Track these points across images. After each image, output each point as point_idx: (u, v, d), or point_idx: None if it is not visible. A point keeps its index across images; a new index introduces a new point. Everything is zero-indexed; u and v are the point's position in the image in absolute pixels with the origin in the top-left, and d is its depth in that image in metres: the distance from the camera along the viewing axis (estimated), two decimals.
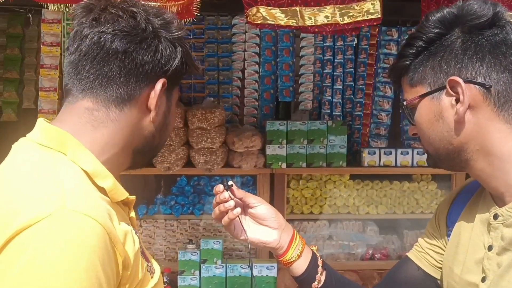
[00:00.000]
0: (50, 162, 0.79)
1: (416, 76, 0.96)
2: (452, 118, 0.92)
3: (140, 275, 0.82)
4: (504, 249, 0.90)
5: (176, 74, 0.91)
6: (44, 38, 2.72)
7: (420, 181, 3.22)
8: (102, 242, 0.72)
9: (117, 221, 0.79)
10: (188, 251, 2.86)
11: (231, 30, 3.21)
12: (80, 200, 0.74)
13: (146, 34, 0.86)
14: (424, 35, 0.93)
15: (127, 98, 0.86)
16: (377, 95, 3.34)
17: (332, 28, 1.91)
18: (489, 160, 0.92)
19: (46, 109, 2.65)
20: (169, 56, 0.88)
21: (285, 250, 1.11)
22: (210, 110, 2.88)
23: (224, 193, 1.06)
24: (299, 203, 3.14)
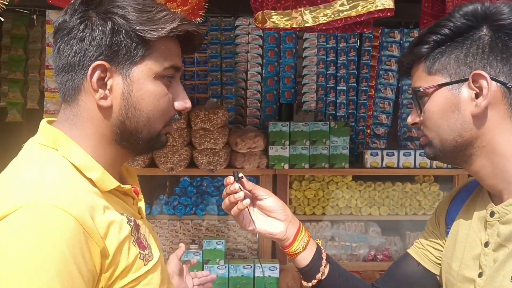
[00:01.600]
0: (42, 158, 0.85)
1: (437, 65, 0.95)
2: (469, 111, 0.93)
3: (126, 263, 0.84)
4: (500, 245, 0.92)
5: (119, 50, 0.86)
6: (49, 39, 2.73)
7: (422, 183, 3.23)
8: (73, 233, 0.75)
9: (102, 211, 0.82)
10: (190, 252, 2.87)
11: (234, 32, 3.22)
12: (54, 193, 0.78)
13: (71, 24, 0.87)
14: (452, 25, 0.94)
15: (76, 91, 0.88)
16: (378, 97, 3.35)
17: (342, 23, 1.87)
18: (491, 158, 0.94)
19: (52, 110, 2.66)
20: (99, 37, 0.86)
21: (291, 241, 1.13)
22: (213, 111, 2.89)
23: (234, 184, 1.09)
24: (302, 204, 3.15)
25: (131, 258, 0.85)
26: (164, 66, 0.90)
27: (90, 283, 0.79)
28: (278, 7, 1.89)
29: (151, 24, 0.87)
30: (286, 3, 1.90)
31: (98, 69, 0.86)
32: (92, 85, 0.86)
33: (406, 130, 3.34)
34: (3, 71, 3.16)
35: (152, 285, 0.90)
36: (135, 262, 0.86)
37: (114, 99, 0.88)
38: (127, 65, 0.87)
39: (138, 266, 0.87)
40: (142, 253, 0.89)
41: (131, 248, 0.86)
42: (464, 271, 1.00)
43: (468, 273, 0.99)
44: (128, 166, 1.07)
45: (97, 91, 0.87)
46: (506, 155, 0.92)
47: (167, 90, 0.92)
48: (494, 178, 0.95)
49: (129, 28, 0.86)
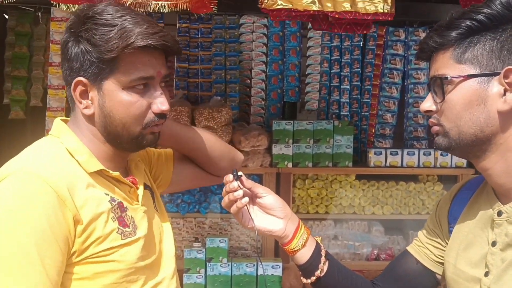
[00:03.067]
0: (44, 143, 1.06)
1: (468, 54, 0.91)
2: (495, 107, 0.90)
3: (101, 233, 0.99)
4: (508, 245, 0.92)
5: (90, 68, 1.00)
6: (53, 36, 2.73)
7: (426, 182, 3.22)
8: (48, 197, 0.92)
9: (84, 187, 0.99)
10: (194, 249, 2.87)
11: (239, 30, 3.22)
12: (38, 165, 0.96)
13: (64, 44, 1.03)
14: (490, 12, 0.89)
15: (70, 99, 1.07)
16: (383, 96, 3.34)
17: (353, 15, 1.84)
18: (506, 155, 0.92)
19: (55, 107, 2.67)
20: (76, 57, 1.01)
21: (290, 239, 1.14)
22: (217, 109, 2.89)
23: (233, 183, 1.10)
24: (305, 203, 3.15)
25: (107, 230, 1.00)
26: (131, 79, 1.01)
27: (63, 242, 0.94)
28: None
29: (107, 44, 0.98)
30: None
31: (79, 84, 1.02)
32: (75, 97, 1.04)
33: (412, 130, 3.33)
34: (7, 68, 3.17)
35: (127, 257, 1.02)
36: (110, 234, 1.00)
37: (95, 109, 1.04)
38: (99, 80, 1.02)
39: (114, 238, 1.01)
40: (121, 229, 1.02)
41: (109, 222, 1.01)
42: (469, 270, 0.99)
43: (474, 272, 0.98)
44: (139, 161, 1.21)
45: (81, 103, 1.04)
46: None
47: (139, 97, 1.03)
48: (504, 176, 0.93)
49: (92, 49, 0.99)
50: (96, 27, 0.99)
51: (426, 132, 3.29)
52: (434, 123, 0.98)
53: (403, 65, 3.31)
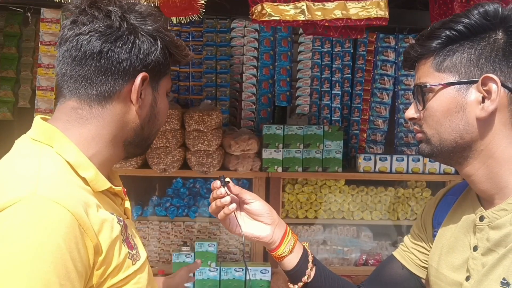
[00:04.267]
0: (36, 153, 0.86)
1: (447, 62, 0.93)
2: (474, 114, 0.91)
3: (117, 261, 0.86)
4: (490, 250, 0.92)
5: (159, 66, 0.94)
6: (43, 37, 2.71)
7: (414, 188, 3.24)
8: (69, 227, 0.77)
9: (95, 209, 0.85)
10: (182, 254, 2.86)
11: (230, 34, 3.22)
12: (52, 188, 0.80)
13: (121, 32, 0.90)
14: (468, 22, 0.90)
15: (108, 96, 0.91)
16: (374, 101, 3.36)
17: (344, 22, 1.86)
18: (487, 162, 0.93)
19: (43, 108, 2.64)
20: (148, 50, 0.92)
21: (277, 245, 1.14)
22: (207, 113, 2.88)
23: (220, 189, 1.10)
24: (294, 208, 3.15)
25: (122, 257, 0.88)
26: (170, 85, 1.01)
27: (83, 277, 0.80)
28: (278, 0, 1.86)
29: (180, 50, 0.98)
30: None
31: (145, 80, 0.93)
32: (137, 93, 0.92)
33: (402, 136, 3.35)
34: None
35: (140, 284, 0.92)
36: (125, 261, 0.89)
37: (143, 107, 0.95)
38: (157, 79, 0.96)
39: (128, 265, 0.89)
40: (131, 253, 0.91)
41: (122, 248, 0.89)
42: (451, 274, 1.00)
43: (456, 276, 0.99)
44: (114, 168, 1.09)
45: (139, 100, 0.93)
46: (503, 160, 0.92)
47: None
48: (487, 182, 0.94)
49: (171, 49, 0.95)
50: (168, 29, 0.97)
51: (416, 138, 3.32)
52: (417, 130, 1.00)
53: (394, 71, 3.34)
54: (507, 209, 0.91)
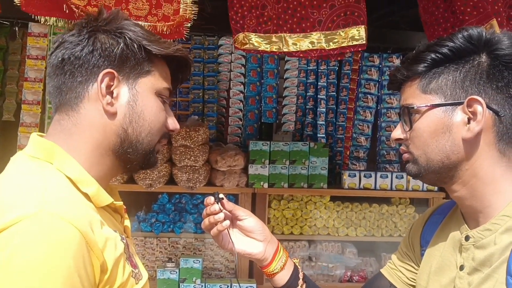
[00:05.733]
0: (37, 171, 0.85)
1: (433, 84, 0.95)
2: (460, 135, 0.93)
3: (121, 280, 0.85)
4: (475, 269, 0.94)
5: (128, 62, 0.92)
6: (30, 51, 2.71)
7: (398, 205, 3.28)
8: (78, 245, 0.76)
9: (99, 226, 0.83)
10: (167, 270, 2.84)
11: (218, 51, 3.26)
12: (59, 205, 0.79)
13: (81, 37, 0.92)
14: (453, 45, 0.93)
15: (79, 99, 0.91)
16: (357, 119, 3.41)
17: (318, 53, 1.96)
18: (472, 181, 0.95)
19: (28, 122, 2.63)
20: (110, 47, 0.91)
21: (269, 262, 1.15)
22: (194, 128, 2.89)
23: (214, 206, 1.10)
24: (280, 224, 3.15)
25: (126, 276, 0.86)
26: (164, 86, 0.96)
27: None
28: (258, 30, 1.93)
29: (157, 44, 0.94)
30: (267, 27, 1.94)
31: (107, 76, 0.90)
32: (101, 90, 0.90)
33: (384, 153, 3.40)
34: None
35: None
36: (128, 280, 0.87)
37: (119, 107, 0.91)
38: (134, 76, 0.93)
39: (131, 284, 0.88)
40: (134, 271, 0.90)
41: (126, 266, 0.87)
42: None
43: None
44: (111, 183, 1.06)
45: (105, 97, 0.90)
46: (487, 180, 0.94)
47: (163, 107, 0.97)
48: (471, 200, 0.96)
49: (139, 43, 0.92)
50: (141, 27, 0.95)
51: (398, 155, 3.37)
52: (404, 151, 1.02)
53: (377, 89, 3.40)
54: (491, 229, 0.92)
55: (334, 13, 1.95)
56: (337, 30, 1.94)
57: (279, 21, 1.92)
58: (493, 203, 0.94)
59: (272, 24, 1.92)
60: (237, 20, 1.94)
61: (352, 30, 1.94)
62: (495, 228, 0.92)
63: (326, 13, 1.94)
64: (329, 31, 1.94)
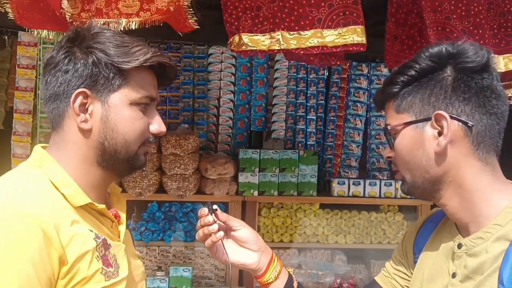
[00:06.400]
0: (23, 174, 0.98)
1: (404, 104, 1.00)
2: (433, 149, 0.97)
3: (85, 274, 0.92)
4: (467, 277, 0.96)
5: (98, 79, 0.98)
6: (20, 61, 2.71)
7: (387, 212, 3.31)
8: (34, 236, 0.86)
9: (68, 223, 0.92)
10: (157, 279, 2.83)
11: (208, 59, 3.28)
12: (24, 201, 0.90)
13: (57, 59, 1.00)
14: (418, 66, 0.98)
15: (61, 117, 1.01)
16: (348, 127, 3.44)
17: (320, 50, 1.91)
18: (459, 192, 0.98)
19: (21, 131, 2.63)
20: (81, 67, 0.98)
21: (263, 271, 1.16)
22: (184, 137, 2.90)
23: (208, 217, 1.11)
24: (270, 231, 3.17)
25: (92, 271, 0.94)
26: (139, 95, 1.01)
27: (46, 286, 0.88)
28: (254, 30, 1.91)
29: (126, 57, 0.99)
30: (263, 27, 1.91)
31: (80, 95, 0.98)
32: (74, 109, 0.98)
33: (374, 161, 3.43)
34: None
35: None
36: (95, 274, 0.94)
37: (94, 123, 0.99)
38: (106, 92, 0.99)
39: (98, 279, 0.94)
40: (105, 269, 0.96)
41: (93, 262, 0.94)
42: None
43: None
44: (121, 194, 1.16)
45: (79, 115, 0.98)
46: (473, 190, 0.96)
47: (142, 115, 1.03)
48: (461, 211, 0.98)
49: (107, 60, 0.98)
50: (110, 40, 0.99)
51: (388, 163, 3.41)
52: (395, 170, 1.07)
53: (366, 98, 3.44)
54: (483, 237, 0.94)
55: (333, 12, 1.93)
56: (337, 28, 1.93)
57: (275, 19, 1.89)
58: (483, 212, 0.96)
59: (268, 24, 1.90)
60: (231, 22, 1.91)
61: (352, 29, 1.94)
62: (487, 237, 0.94)
63: (325, 12, 1.92)
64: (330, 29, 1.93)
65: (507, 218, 0.93)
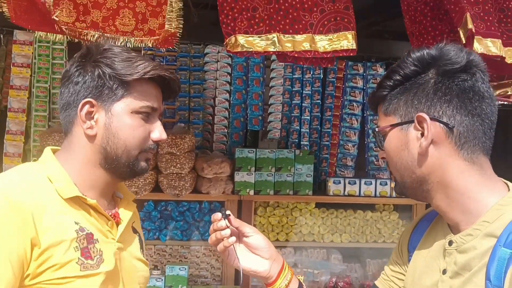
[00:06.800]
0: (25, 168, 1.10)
1: (391, 107, 1.03)
2: (416, 150, 1.00)
3: (58, 260, 1.00)
4: (457, 273, 0.98)
5: (102, 90, 1.09)
6: (15, 59, 2.71)
7: (382, 211, 3.32)
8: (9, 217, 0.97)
9: (53, 212, 1.02)
10: (153, 277, 2.83)
11: (204, 59, 3.28)
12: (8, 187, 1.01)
13: (70, 72, 1.12)
14: (402, 71, 1.01)
15: (70, 124, 1.12)
16: (344, 126, 3.45)
17: (312, 54, 1.95)
18: (447, 192, 1.00)
19: (14, 130, 2.62)
20: (88, 80, 1.09)
21: (274, 279, 1.17)
22: (180, 136, 2.90)
23: (221, 222, 1.12)
24: (266, 230, 3.17)
25: (66, 259, 1.01)
26: (140, 105, 1.11)
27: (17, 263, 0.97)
28: (250, 31, 1.92)
29: (128, 70, 1.09)
30: (259, 28, 1.93)
31: (87, 105, 1.09)
32: (80, 117, 1.09)
33: (373, 160, 3.44)
34: None
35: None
36: (68, 263, 1.02)
37: (99, 129, 1.10)
38: (110, 102, 1.10)
39: (72, 268, 1.02)
40: (82, 260, 1.03)
41: (69, 251, 1.02)
42: None
43: None
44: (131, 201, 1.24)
45: (85, 122, 1.10)
46: (460, 189, 0.98)
47: (143, 123, 1.12)
48: (451, 210, 1.00)
49: (111, 73, 1.09)
50: (116, 56, 1.10)
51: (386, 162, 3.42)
52: (390, 170, 1.10)
53: (362, 97, 3.45)
54: (472, 234, 0.96)
55: (324, 18, 1.96)
56: (328, 34, 1.96)
57: (271, 21, 1.92)
58: (473, 210, 0.98)
59: (264, 25, 1.92)
60: (228, 23, 1.93)
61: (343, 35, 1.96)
62: (476, 234, 0.96)
63: (317, 17, 1.95)
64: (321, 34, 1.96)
65: (495, 215, 0.95)
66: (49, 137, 2.63)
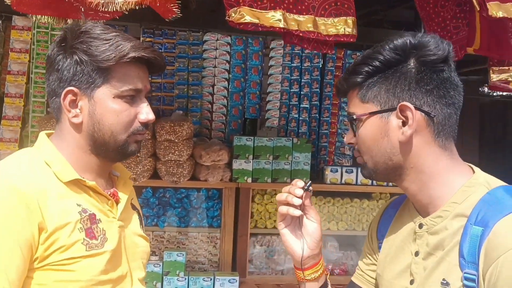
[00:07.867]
0: (23, 154, 1.10)
1: (369, 94, 1.03)
2: (397, 138, 1.01)
3: (64, 242, 1.02)
4: (429, 254, 1.01)
5: (82, 78, 1.07)
6: (13, 45, 2.70)
7: (379, 199, 3.35)
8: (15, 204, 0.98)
9: (55, 196, 1.03)
10: (150, 263, 2.86)
11: (202, 46, 3.27)
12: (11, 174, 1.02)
13: (52, 59, 1.10)
14: (382, 58, 1.00)
15: (58, 111, 1.12)
16: (342, 115, 3.47)
17: (315, 35, 1.94)
18: (419, 176, 1.03)
19: (11, 115, 2.63)
20: (66, 68, 1.08)
21: (306, 268, 1.16)
22: (178, 123, 2.91)
23: (300, 191, 1.09)
24: (263, 218, 3.20)
25: (72, 240, 1.03)
26: (122, 89, 1.09)
27: (26, 248, 0.98)
28: (255, 6, 1.89)
29: (105, 54, 1.06)
30: (263, 5, 1.90)
31: (69, 94, 1.08)
32: (65, 106, 1.09)
33: None
34: None
35: (89, 268, 1.04)
36: (74, 244, 1.03)
37: (84, 117, 1.09)
38: (91, 89, 1.08)
39: (78, 248, 1.04)
40: (88, 241, 1.05)
41: (74, 232, 1.04)
42: (396, 280, 1.08)
43: (400, 282, 1.06)
44: (128, 179, 1.25)
45: (70, 111, 1.09)
46: (432, 174, 1.02)
47: (128, 106, 1.10)
48: (421, 194, 1.03)
49: (88, 59, 1.06)
50: (92, 40, 1.06)
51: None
52: (357, 155, 1.10)
53: None
54: (442, 216, 1.00)
55: (326, 1, 1.95)
56: (329, 18, 1.95)
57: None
58: (441, 194, 1.01)
59: (268, 2, 1.89)
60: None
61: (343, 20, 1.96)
62: (446, 215, 0.99)
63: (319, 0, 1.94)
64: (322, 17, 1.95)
65: (463, 196, 0.98)
66: (48, 123, 2.63)
